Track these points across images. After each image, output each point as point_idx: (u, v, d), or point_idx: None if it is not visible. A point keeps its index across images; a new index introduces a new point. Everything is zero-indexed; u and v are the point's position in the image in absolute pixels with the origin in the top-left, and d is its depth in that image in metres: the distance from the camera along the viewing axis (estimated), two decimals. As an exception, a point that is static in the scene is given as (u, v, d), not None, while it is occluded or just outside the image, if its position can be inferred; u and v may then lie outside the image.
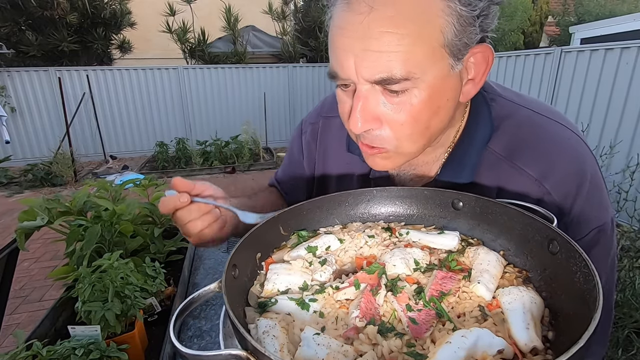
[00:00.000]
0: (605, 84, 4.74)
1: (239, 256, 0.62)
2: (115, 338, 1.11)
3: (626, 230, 2.50)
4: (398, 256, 0.63)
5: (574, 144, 0.72)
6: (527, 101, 0.79)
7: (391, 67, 0.57)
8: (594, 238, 0.70)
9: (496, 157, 0.75)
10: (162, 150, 8.27)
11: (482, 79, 0.67)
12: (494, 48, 0.67)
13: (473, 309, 0.53)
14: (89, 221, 1.44)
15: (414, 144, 0.67)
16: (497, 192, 0.75)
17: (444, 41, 0.58)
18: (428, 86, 0.60)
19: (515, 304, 0.50)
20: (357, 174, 0.93)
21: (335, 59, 0.63)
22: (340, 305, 0.57)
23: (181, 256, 1.73)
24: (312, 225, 0.80)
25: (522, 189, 0.72)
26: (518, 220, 0.63)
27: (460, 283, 0.57)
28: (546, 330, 0.49)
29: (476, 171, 0.76)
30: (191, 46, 10.00)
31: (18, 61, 8.68)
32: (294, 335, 0.52)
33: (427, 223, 0.77)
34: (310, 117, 1.07)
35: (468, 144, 0.77)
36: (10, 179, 7.27)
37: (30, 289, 3.71)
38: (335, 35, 0.61)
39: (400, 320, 0.53)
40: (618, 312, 1.97)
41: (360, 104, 0.63)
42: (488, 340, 0.45)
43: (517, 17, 11.71)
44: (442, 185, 0.79)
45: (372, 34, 0.56)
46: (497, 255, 0.62)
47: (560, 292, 0.52)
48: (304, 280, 0.62)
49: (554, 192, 0.70)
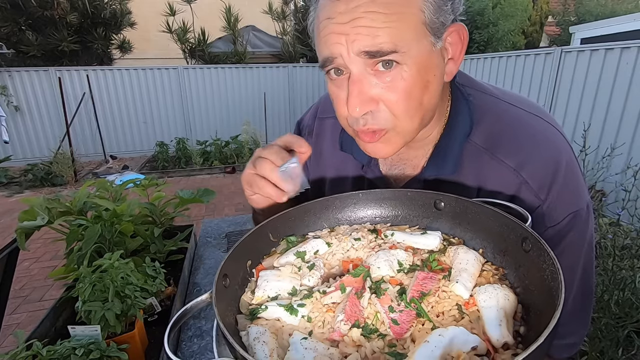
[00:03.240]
0: (605, 84, 4.74)
1: (230, 265, 0.64)
2: (116, 338, 1.11)
3: (627, 229, 2.50)
4: (382, 258, 0.65)
5: (549, 135, 0.76)
6: (505, 95, 0.83)
7: (380, 41, 0.62)
8: (569, 223, 0.73)
9: (477, 149, 0.78)
10: (162, 150, 8.28)
11: (460, 57, 0.72)
12: (494, 48, 0.68)
13: (451, 308, 0.55)
14: (89, 221, 1.44)
15: (410, 119, 0.70)
16: (479, 183, 0.78)
17: (425, 19, 0.63)
18: (415, 62, 0.65)
19: (490, 301, 0.53)
20: (351, 174, 0.95)
21: (325, 44, 0.66)
22: (327, 309, 0.59)
23: (181, 256, 1.72)
24: (300, 230, 0.81)
25: (502, 179, 0.76)
26: (495, 220, 0.65)
27: (440, 283, 0.59)
28: (518, 325, 0.51)
29: (459, 163, 0.79)
30: (191, 46, 10.00)
31: (18, 61, 8.69)
32: (283, 340, 0.54)
33: (411, 223, 0.79)
34: (305, 118, 1.09)
35: (450, 137, 0.80)
36: (10, 179, 7.27)
37: (30, 289, 3.71)
38: (324, 25, 0.65)
39: (383, 321, 0.55)
40: (619, 311, 1.97)
41: (356, 89, 0.66)
42: (463, 337, 0.47)
43: (517, 17, 11.70)
44: (428, 179, 0.83)
45: (359, 15, 0.61)
46: (475, 254, 0.64)
47: (532, 288, 0.54)
48: (293, 285, 0.65)
49: (530, 181, 0.73)
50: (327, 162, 1.00)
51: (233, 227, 2.22)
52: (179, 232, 1.87)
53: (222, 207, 5.81)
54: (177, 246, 1.75)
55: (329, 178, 1.00)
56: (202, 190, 1.91)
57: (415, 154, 0.85)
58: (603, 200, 3.06)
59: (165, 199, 1.87)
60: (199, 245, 1.99)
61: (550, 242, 0.73)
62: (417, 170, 0.86)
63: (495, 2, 11.47)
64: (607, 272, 2.11)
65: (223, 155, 8.34)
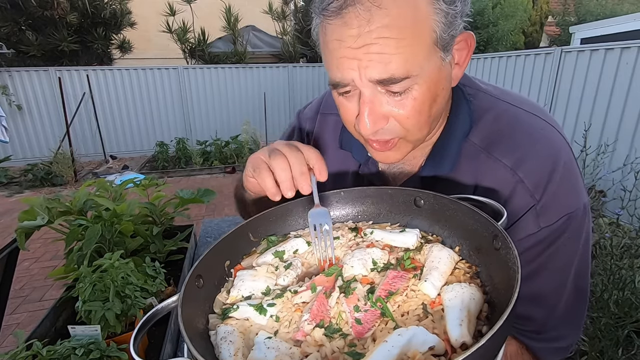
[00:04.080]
0: (605, 84, 4.73)
1: (205, 266, 0.64)
2: (116, 338, 1.11)
3: (627, 229, 2.50)
4: (357, 257, 0.65)
5: (547, 134, 0.75)
6: (505, 94, 0.83)
7: (392, 69, 0.61)
8: (563, 224, 0.72)
9: (475, 148, 0.78)
10: (162, 150, 8.27)
11: (465, 61, 0.72)
12: (494, 48, 0.68)
13: (417, 307, 0.55)
14: (89, 221, 1.44)
15: (420, 131, 0.71)
16: (475, 181, 0.78)
17: (436, 39, 0.62)
18: (425, 81, 0.64)
19: (455, 300, 0.52)
20: (351, 172, 0.96)
21: (337, 68, 0.65)
22: (296, 308, 0.59)
23: (181, 256, 1.72)
24: (282, 230, 0.82)
25: (498, 178, 0.75)
26: (470, 217, 0.64)
27: (410, 282, 0.59)
28: (482, 324, 0.51)
29: (456, 163, 0.79)
30: (191, 46, 10.00)
31: (18, 61, 8.69)
32: (250, 340, 0.55)
33: (392, 221, 0.79)
34: (307, 111, 1.08)
35: (449, 137, 0.81)
36: (10, 179, 7.27)
37: (30, 289, 3.71)
38: (334, 47, 0.63)
39: (347, 321, 0.55)
40: (618, 311, 1.97)
41: (367, 109, 0.66)
42: (422, 337, 0.47)
43: (517, 17, 11.70)
44: (425, 177, 0.83)
45: (372, 41, 0.59)
46: (449, 252, 0.63)
47: (500, 287, 0.54)
48: (267, 285, 0.65)
49: (526, 180, 0.73)
50: (328, 158, 1.00)
51: (233, 227, 2.22)
52: (179, 232, 1.87)
53: (222, 207, 5.81)
54: (177, 246, 1.75)
55: (330, 174, 1.00)
56: (202, 190, 1.91)
57: (414, 153, 0.85)
58: (602, 201, 3.06)
59: (165, 199, 1.87)
60: (199, 245, 1.99)
61: (543, 243, 0.73)
62: (415, 169, 0.86)
63: (495, 2, 11.47)
64: (607, 271, 2.11)
65: (223, 155, 8.33)
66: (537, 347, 0.79)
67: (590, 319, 2.02)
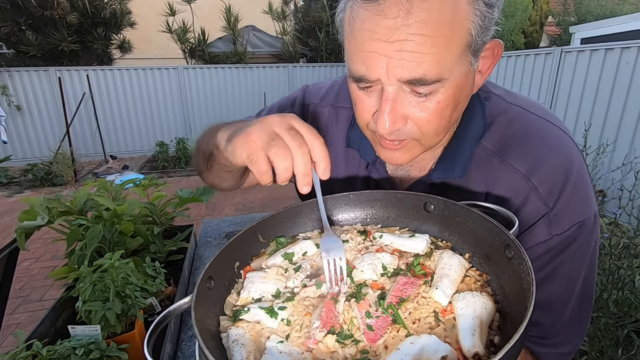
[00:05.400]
0: (605, 84, 4.74)
1: (216, 267, 0.64)
2: (116, 338, 1.11)
3: (625, 229, 2.50)
4: (367, 262, 0.64)
5: (561, 141, 0.74)
6: (516, 98, 0.81)
7: (424, 69, 0.57)
8: (574, 232, 0.71)
9: (487, 153, 0.76)
10: (162, 150, 8.28)
11: (488, 71, 0.70)
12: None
13: (428, 315, 0.54)
14: (90, 221, 1.44)
15: (437, 136, 0.69)
16: (487, 188, 0.77)
17: (470, 42, 0.60)
18: (452, 85, 0.62)
19: (467, 309, 0.52)
20: (357, 172, 0.93)
21: (363, 62, 0.61)
22: (306, 312, 0.59)
23: (181, 256, 1.72)
24: (290, 231, 0.81)
25: (511, 185, 0.74)
26: (481, 224, 0.63)
27: (421, 288, 0.58)
28: (493, 334, 0.50)
29: (468, 167, 0.77)
30: (191, 46, 10.00)
31: (18, 61, 8.69)
32: (261, 344, 0.55)
33: (401, 225, 0.78)
34: (317, 93, 1.02)
35: (461, 140, 0.78)
36: (10, 179, 7.27)
37: (30, 289, 3.71)
38: (363, 38, 0.59)
39: (358, 327, 0.54)
40: (618, 311, 1.97)
41: (389, 106, 0.62)
42: (435, 346, 0.47)
43: (517, 17, 11.69)
44: (434, 182, 0.80)
45: (407, 37, 0.55)
46: (459, 259, 0.62)
47: (511, 297, 0.53)
48: (277, 287, 0.65)
49: (540, 187, 0.71)
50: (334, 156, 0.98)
51: (233, 227, 2.22)
52: (179, 232, 1.87)
53: (222, 207, 5.81)
54: (177, 246, 1.75)
55: (336, 173, 0.97)
56: (201, 189, 1.91)
57: (424, 156, 0.82)
58: (602, 201, 3.06)
59: (165, 199, 1.87)
60: (199, 245, 1.99)
61: (554, 250, 0.72)
62: (424, 172, 0.84)
63: (495, 2, 11.44)
64: (606, 271, 2.11)
65: (223, 155, 8.32)
66: (541, 352, 0.79)
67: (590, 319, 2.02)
